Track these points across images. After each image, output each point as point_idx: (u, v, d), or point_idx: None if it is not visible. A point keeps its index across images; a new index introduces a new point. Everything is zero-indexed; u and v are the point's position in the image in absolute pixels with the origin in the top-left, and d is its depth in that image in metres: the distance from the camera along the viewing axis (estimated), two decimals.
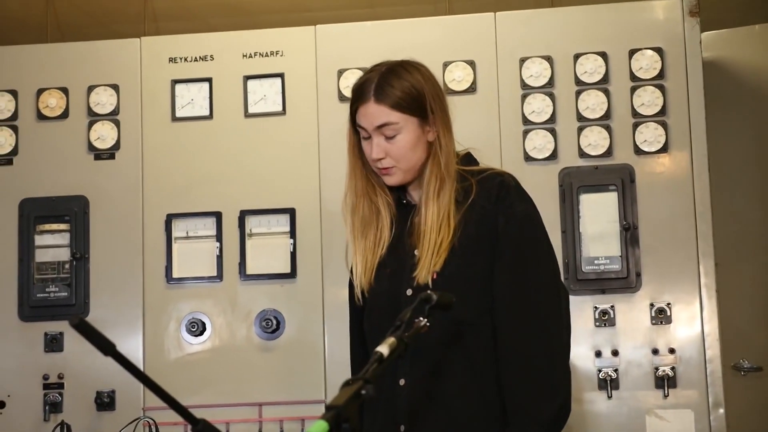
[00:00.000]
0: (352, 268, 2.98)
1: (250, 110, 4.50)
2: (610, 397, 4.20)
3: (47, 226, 4.48)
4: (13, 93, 4.55)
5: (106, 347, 1.94)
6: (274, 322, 4.35)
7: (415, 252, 2.79)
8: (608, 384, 4.19)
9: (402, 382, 2.74)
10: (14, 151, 4.52)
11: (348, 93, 4.37)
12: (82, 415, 4.30)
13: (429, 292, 2.34)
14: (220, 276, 4.42)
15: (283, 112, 4.48)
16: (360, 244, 2.90)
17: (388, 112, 2.78)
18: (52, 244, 4.48)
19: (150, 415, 3.87)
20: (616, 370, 4.20)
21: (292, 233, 4.41)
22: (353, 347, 3.09)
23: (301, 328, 4.38)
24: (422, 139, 2.81)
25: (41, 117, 4.53)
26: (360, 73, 4.34)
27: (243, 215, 4.42)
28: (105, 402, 4.34)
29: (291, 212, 4.42)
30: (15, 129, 4.53)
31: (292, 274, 4.39)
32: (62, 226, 4.48)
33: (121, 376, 4.22)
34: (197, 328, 4.38)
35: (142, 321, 4.42)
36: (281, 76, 4.49)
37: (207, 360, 4.38)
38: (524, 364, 2.67)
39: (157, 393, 2.02)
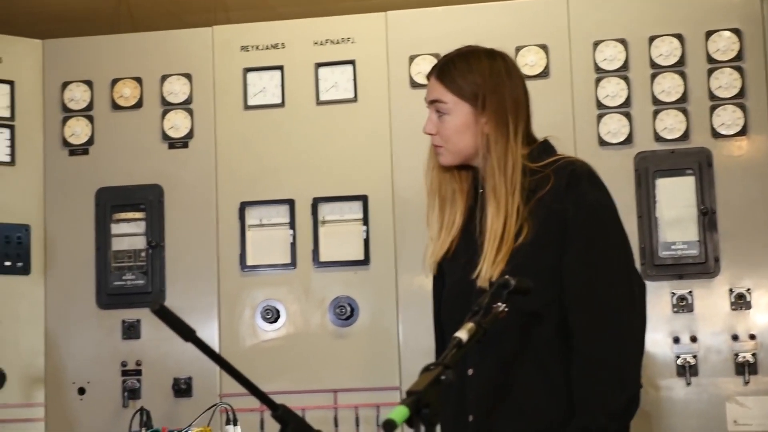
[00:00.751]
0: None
1: (322, 98, 4.50)
2: (689, 383, 4.14)
3: (123, 215, 4.53)
4: (89, 83, 4.60)
5: (187, 333, 1.95)
6: (348, 309, 4.36)
7: (483, 246, 2.76)
8: (687, 370, 4.14)
9: (470, 372, 2.72)
10: (90, 141, 4.58)
11: (419, 79, 4.39)
12: (159, 401, 4.34)
13: (507, 277, 2.32)
14: (293, 263, 4.43)
15: (355, 99, 4.48)
16: (437, 220, 2.89)
17: (442, 91, 2.79)
18: (129, 233, 4.53)
19: (226, 401, 3.89)
20: (695, 357, 4.15)
21: (365, 220, 4.41)
22: (437, 335, 3.07)
23: (375, 314, 4.38)
24: (473, 128, 2.78)
25: (116, 107, 4.58)
26: (431, 59, 4.37)
27: (316, 203, 4.43)
28: (182, 388, 4.39)
29: (363, 199, 4.42)
30: (90, 119, 4.58)
31: (366, 261, 4.39)
32: (138, 215, 4.52)
33: (198, 363, 4.33)
34: (272, 315, 4.40)
35: (217, 308, 4.45)
36: (352, 63, 4.49)
37: (282, 347, 4.40)
38: (594, 355, 2.63)
39: (237, 378, 2.02)
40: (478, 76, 2.77)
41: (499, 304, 2.28)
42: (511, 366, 2.70)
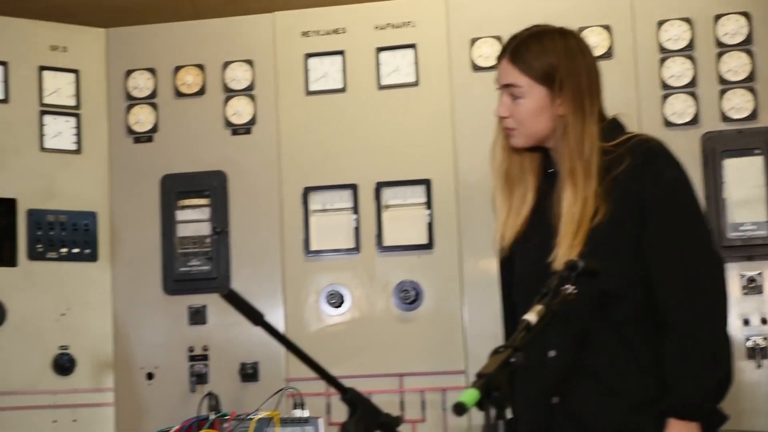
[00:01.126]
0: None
1: (383, 82, 4.49)
2: (759, 366, 4.09)
3: (188, 201, 4.56)
4: (152, 71, 4.63)
5: (256, 317, 1.96)
6: (413, 293, 4.36)
7: (558, 229, 2.73)
8: (757, 353, 4.08)
9: (551, 353, 2.70)
10: (154, 129, 4.61)
11: (481, 62, 4.36)
12: (227, 385, 4.37)
13: (575, 259, 2.31)
14: (357, 248, 4.44)
15: (416, 83, 4.47)
16: (505, 201, 2.86)
17: (516, 74, 2.76)
18: (193, 219, 4.56)
19: (293, 385, 3.90)
20: (765, 339, 4.09)
21: (428, 204, 4.40)
22: (506, 318, 3.05)
23: (440, 299, 4.37)
24: (549, 110, 2.76)
25: (179, 94, 4.61)
26: (493, 42, 4.34)
27: (379, 187, 4.43)
28: (249, 373, 4.42)
29: (426, 183, 4.41)
30: (154, 106, 4.62)
31: (429, 245, 4.39)
32: (202, 201, 4.55)
33: (264, 348, 4.36)
34: (336, 300, 4.41)
35: (282, 294, 4.47)
36: (413, 46, 4.48)
37: (346, 331, 4.41)
38: (687, 333, 2.61)
39: (306, 362, 2.03)
40: (554, 57, 2.73)
41: (568, 286, 2.27)
42: (593, 346, 2.68)
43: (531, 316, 2.12)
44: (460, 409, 1.81)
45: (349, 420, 2.02)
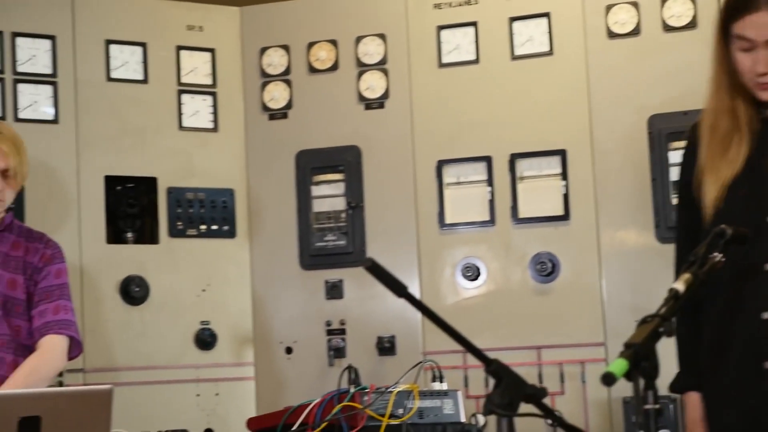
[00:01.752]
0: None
1: (517, 52, 4.44)
2: None
3: (323, 177, 4.60)
4: (286, 48, 4.67)
5: (399, 289, 1.96)
6: (549, 265, 4.31)
7: None
8: None
9: (766, 315, 2.60)
10: (289, 105, 4.65)
11: (616, 29, 4.28)
12: (364, 359, 4.40)
13: (723, 226, 2.24)
14: (492, 220, 4.41)
15: (551, 52, 4.41)
16: (715, 160, 2.74)
17: None
18: (328, 194, 4.59)
19: (430, 359, 3.90)
20: None
21: (564, 175, 4.35)
22: (679, 260, 2.91)
23: (577, 270, 4.32)
24: None
25: (312, 70, 4.64)
26: (629, 7, 4.25)
27: (513, 159, 4.39)
28: (386, 347, 4.44)
29: (562, 154, 4.35)
30: (288, 83, 4.66)
31: (566, 217, 4.33)
32: (337, 176, 4.58)
33: (401, 322, 4.38)
34: (472, 273, 4.39)
35: (417, 267, 4.47)
36: (547, 15, 4.41)
37: (483, 304, 4.40)
38: None
39: (451, 334, 2.02)
40: None
41: (716, 254, 2.21)
42: None
43: (679, 285, 2.07)
44: (608, 379, 1.78)
45: (494, 392, 2.00)
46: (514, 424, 2.00)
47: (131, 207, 4.49)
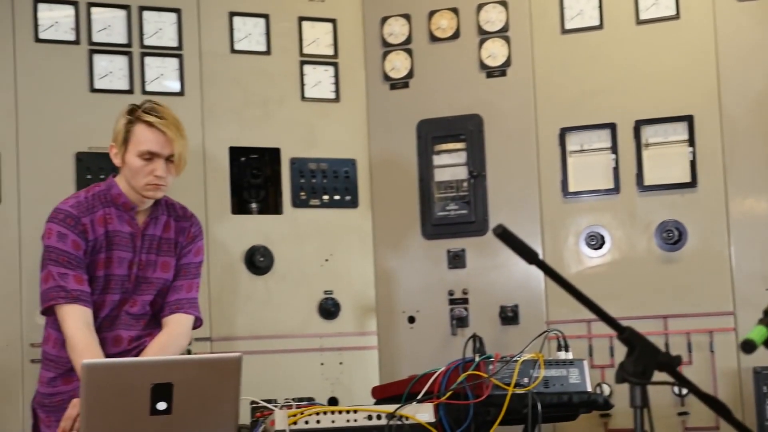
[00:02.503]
0: None
1: (642, 16, 4.36)
2: None
3: (444, 146, 4.58)
4: (407, 17, 4.66)
5: (530, 256, 1.95)
6: (676, 233, 4.24)
7: None
8: None
9: None
10: (410, 74, 4.65)
11: None
12: (487, 328, 4.38)
13: None
14: (616, 188, 4.35)
15: (677, 16, 4.32)
16: None
17: None
18: (450, 164, 4.58)
19: (554, 328, 3.86)
20: None
21: (691, 141, 4.26)
22: None
23: (705, 238, 4.23)
24: None
25: (433, 39, 4.62)
26: None
27: (638, 125, 4.32)
28: (509, 316, 4.42)
29: (688, 120, 4.26)
30: (409, 52, 4.64)
31: (693, 184, 4.25)
32: (459, 145, 4.56)
33: (524, 291, 4.36)
34: (596, 242, 4.34)
35: (540, 236, 4.43)
36: None
37: (607, 273, 4.34)
38: None
39: (582, 301, 1.99)
40: None
41: None
42: None
43: None
44: (748, 346, 1.74)
45: (627, 360, 1.97)
46: (647, 393, 1.98)
47: (255, 178, 4.55)
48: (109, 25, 4.31)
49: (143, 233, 3.52)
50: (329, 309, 4.55)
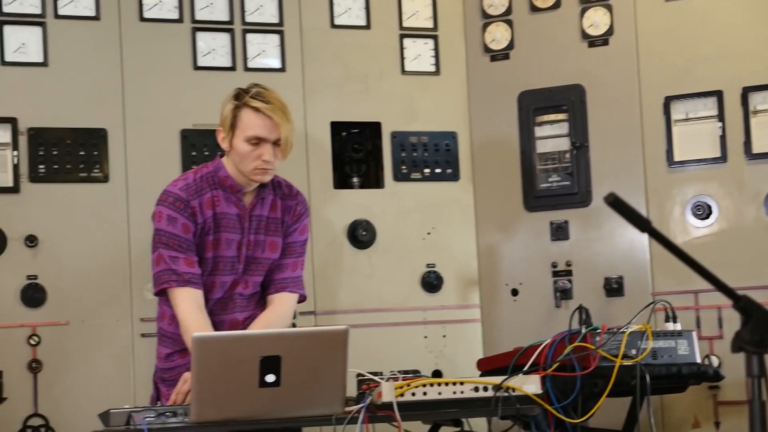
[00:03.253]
0: None
1: None
2: None
3: (546, 117, 4.54)
4: None
5: (643, 224, 1.91)
6: None
7: None
8: None
9: None
10: (510, 45, 4.61)
11: None
12: (591, 300, 4.32)
13: None
14: (723, 157, 4.27)
15: None
16: None
17: None
18: (552, 135, 4.54)
19: (661, 299, 3.81)
20: None
21: None
22: None
23: None
24: None
25: (534, 9, 4.58)
26: None
27: (746, 92, 4.24)
28: (613, 288, 4.38)
29: None
30: (510, 23, 4.61)
31: None
32: (560, 116, 4.52)
33: (628, 262, 4.32)
34: (703, 212, 4.27)
35: (645, 207, 4.37)
36: None
37: (715, 243, 4.27)
38: None
39: (697, 269, 1.95)
40: None
41: None
42: None
43: None
44: None
45: (743, 328, 1.93)
46: (765, 362, 1.94)
47: (356, 152, 4.57)
48: (211, 2, 4.36)
49: (251, 214, 3.54)
50: (432, 282, 4.56)
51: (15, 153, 4.08)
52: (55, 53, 4.17)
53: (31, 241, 4.07)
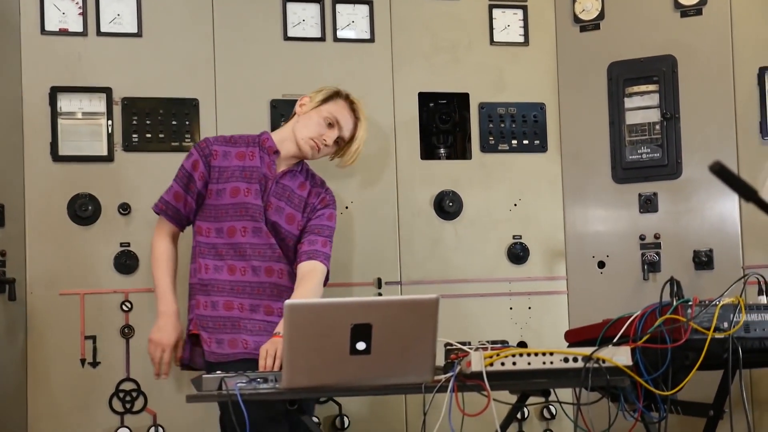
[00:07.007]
0: None
1: None
2: None
3: (636, 88, 4.49)
4: None
5: (748, 193, 1.89)
6: None
7: None
8: None
9: None
10: (600, 16, 4.56)
11: None
12: (680, 273, 4.26)
13: None
14: None
15: None
16: None
17: None
18: (642, 106, 4.49)
19: (753, 272, 3.76)
20: None
21: None
22: None
23: None
24: None
25: None
26: None
27: None
28: (703, 261, 4.33)
29: None
30: None
31: None
32: (651, 87, 4.47)
33: (718, 235, 4.26)
34: None
35: None
36: None
37: None
38: None
39: None
40: None
41: None
42: None
43: None
44: None
45: None
46: None
47: (444, 123, 4.56)
48: None
49: (277, 180, 3.71)
50: (518, 253, 4.55)
51: (109, 122, 4.16)
52: (149, 24, 4.23)
53: (125, 209, 4.15)
